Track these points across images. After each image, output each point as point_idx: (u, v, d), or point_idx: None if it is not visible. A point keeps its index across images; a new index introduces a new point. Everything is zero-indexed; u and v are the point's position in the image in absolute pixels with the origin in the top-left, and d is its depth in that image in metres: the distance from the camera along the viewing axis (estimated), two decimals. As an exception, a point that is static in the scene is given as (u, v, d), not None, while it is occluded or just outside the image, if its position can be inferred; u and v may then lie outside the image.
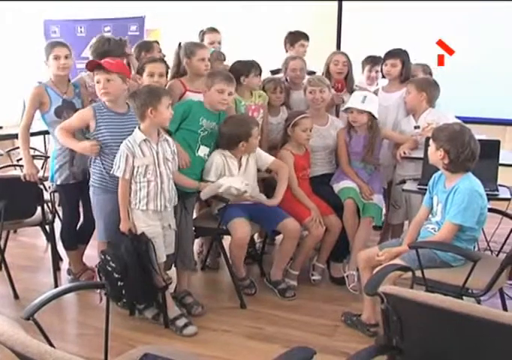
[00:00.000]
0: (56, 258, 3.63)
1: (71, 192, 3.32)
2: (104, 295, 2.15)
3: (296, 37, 4.25)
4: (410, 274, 2.22)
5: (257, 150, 3.25)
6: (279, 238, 3.55)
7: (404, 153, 3.37)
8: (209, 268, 3.77)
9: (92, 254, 3.34)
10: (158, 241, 2.81)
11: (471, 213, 2.43)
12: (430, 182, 2.70)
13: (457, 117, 3.45)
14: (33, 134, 3.58)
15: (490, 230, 3.35)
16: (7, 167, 4.42)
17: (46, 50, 3.19)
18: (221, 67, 3.60)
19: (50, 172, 3.35)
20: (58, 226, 3.55)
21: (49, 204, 3.72)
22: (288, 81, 3.88)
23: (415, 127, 3.46)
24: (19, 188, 3.22)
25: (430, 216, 2.69)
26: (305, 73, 3.88)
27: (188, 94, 3.24)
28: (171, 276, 3.27)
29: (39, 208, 3.38)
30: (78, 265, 3.51)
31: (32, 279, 3.62)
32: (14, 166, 4.44)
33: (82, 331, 2.97)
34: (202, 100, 3.11)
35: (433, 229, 2.61)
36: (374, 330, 2.80)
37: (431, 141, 2.58)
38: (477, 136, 2.55)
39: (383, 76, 3.89)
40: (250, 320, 3.03)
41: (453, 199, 2.47)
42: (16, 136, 3.45)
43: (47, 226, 3.54)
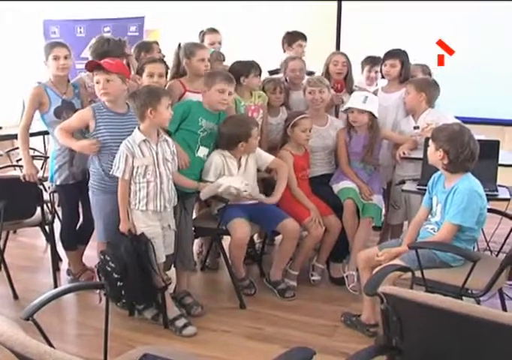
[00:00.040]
0: (56, 258, 3.63)
1: (71, 192, 3.32)
2: (104, 295, 2.15)
3: (294, 38, 4.25)
4: (409, 274, 2.22)
5: (257, 150, 3.25)
6: (279, 239, 3.55)
7: (403, 153, 3.36)
8: (208, 269, 3.76)
9: (92, 254, 3.34)
10: (158, 241, 2.81)
11: (470, 213, 2.43)
12: (429, 182, 2.70)
13: (457, 117, 3.45)
14: (32, 134, 3.57)
15: (490, 230, 3.35)
16: (6, 167, 4.42)
17: (46, 50, 3.19)
18: (220, 68, 3.60)
19: (50, 172, 3.35)
20: (57, 227, 3.55)
21: (49, 204, 3.73)
22: (288, 81, 3.88)
23: (414, 128, 3.46)
24: (18, 189, 3.22)
25: (429, 216, 2.69)
26: (305, 74, 3.88)
27: (187, 94, 3.25)
28: (171, 276, 3.28)
29: (38, 209, 3.37)
30: (77, 266, 3.51)
31: (32, 279, 3.62)
32: (14, 166, 4.43)
33: (81, 332, 2.97)
34: (201, 101, 3.12)
35: (432, 229, 2.61)
36: (373, 330, 2.80)
37: (430, 141, 2.58)
38: (477, 136, 2.56)
39: (382, 77, 3.89)
40: (249, 320, 3.03)
41: (453, 199, 2.47)
42: (15, 136, 3.45)
43: (47, 227, 3.54)
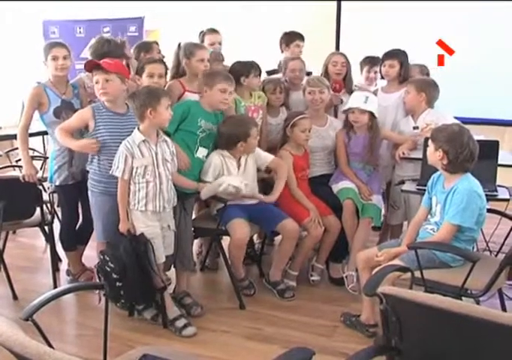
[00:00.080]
0: (55, 259, 3.62)
1: (70, 193, 3.32)
2: (103, 295, 2.15)
3: (291, 38, 4.24)
4: (409, 274, 2.22)
5: (256, 149, 3.25)
6: (278, 239, 3.54)
7: (403, 153, 3.36)
8: (208, 269, 3.76)
9: (91, 255, 3.34)
10: (157, 241, 2.80)
11: (469, 213, 2.43)
12: (429, 183, 2.70)
13: (456, 117, 3.45)
14: (32, 135, 3.57)
15: (489, 231, 3.35)
16: (6, 168, 4.42)
17: (45, 51, 3.19)
18: (220, 68, 3.60)
19: (49, 172, 3.35)
20: (57, 227, 3.55)
21: (48, 205, 3.72)
22: (287, 81, 3.88)
23: (414, 128, 3.47)
24: (18, 189, 3.22)
25: (429, 216, 2.69)
26: (304, 74, 3.88)
27: (186, 94, 3.24)
28: (170, 277, 3.29)
29: (38, 209, 3.37)
30: (77, 266, 3.51)
31: (31, 280, 3.62)
32: (13, 166, 4.43)
33: (81, 332, 2.97)
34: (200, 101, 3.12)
35: (432, 229, 2.62)
36: (373, 330, 2.80)
37: (430, 141, 2.59)
38: (476, 136, 2.56)
39: (382, 77, 3.89)
40: (249, 321, 3.03)
41: (452, 199, 2.47)
42: (15, 136, 3.44)
43: (46, 227, 3.53)
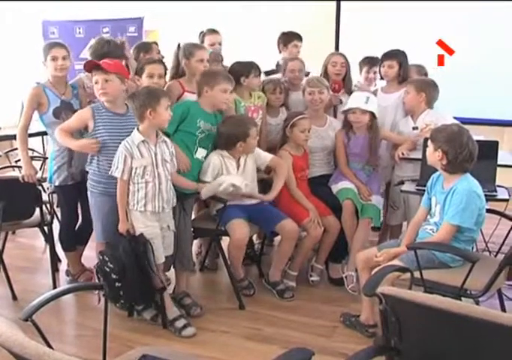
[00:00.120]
0: (55, 259, 3.62)
1: (70, 193, 3.32)
2: (103, 296, 2.15)
3: (289, 38, 4.23)
4: (408, 274, 2.21)
5: (256, 149, 3.25)
6: (278, 239, 3.54)
7: (402, 154, 3.37)
8: (207, 269, 3.76)
9: (91, 255, 3.33)
10: (157, 242, 2.80)
11: (469, 214, 2.43)
12: (428, 183, 2.70)
13: (456, 117, 3.45)
14: (31, 135, 3.56)
15: (488, 231, 3.35)
16: (5, 168, 4.42)
17: (44, 51, 3.19)
18: (219, 68, 3.60)
19: (49, 173, 3.35)
20: (56, 227, 3.55)
21: (48, 205, 3.72)
22: (287, 82, 3.88)
23: (413, 128, 3.47)
24: (17, 189, 3.21)
25: (428, 217, 2.69)
26: (304, 74, 3.87)
27: (186, 94, 3.24)
28: (170, 277, 3.28)
29: (37, 209, 3.37)
30: (76, 266, 3.51)
31: (31, 280, 3.62)
32: (13, 167, 4.43)
33: (80, 333, 2.96)
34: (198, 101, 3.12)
35: (431, 229, 2.62)
36: (372, 331, 2.80)
37: (429, 142, 2.59)
38: (476, 136, 2.56)
39: (381, 78, 3.89)
40: (248, 321, 3.03)
41: (452, 199, 2.47)
42: (14, 137, 3.45)
43: (46, 227, 3.53)
